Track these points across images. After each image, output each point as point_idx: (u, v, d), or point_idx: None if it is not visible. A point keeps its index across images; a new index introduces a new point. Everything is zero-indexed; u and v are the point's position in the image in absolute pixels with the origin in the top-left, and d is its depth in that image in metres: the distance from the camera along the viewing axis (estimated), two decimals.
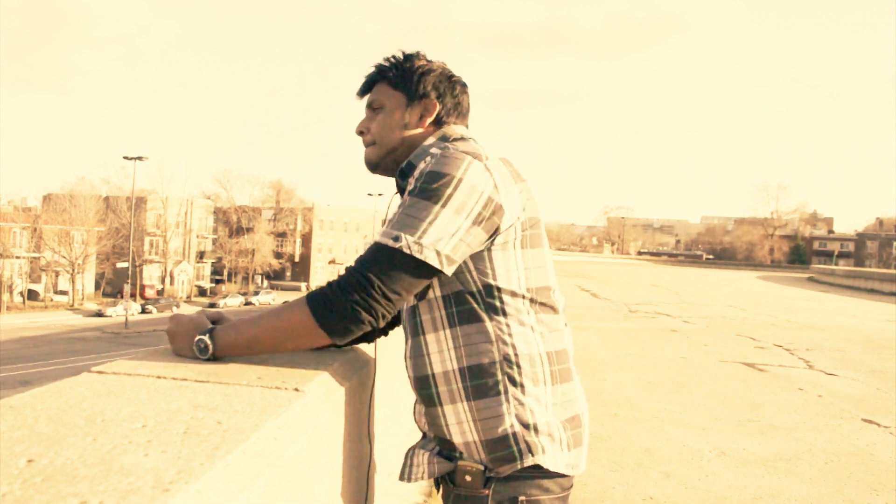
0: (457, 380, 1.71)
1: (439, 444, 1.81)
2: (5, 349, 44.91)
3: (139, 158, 61.88)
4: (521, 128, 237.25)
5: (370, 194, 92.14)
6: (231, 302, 78.66)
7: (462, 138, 1.91)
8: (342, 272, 1.70)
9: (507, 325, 1.68)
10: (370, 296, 1.62)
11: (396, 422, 3.57)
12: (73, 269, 68.60)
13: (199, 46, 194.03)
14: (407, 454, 1.96)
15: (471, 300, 1.70)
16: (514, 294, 1.69)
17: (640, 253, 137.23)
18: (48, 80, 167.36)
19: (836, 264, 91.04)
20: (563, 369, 1.73)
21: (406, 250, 1.60)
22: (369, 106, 2.10)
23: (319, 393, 1.89)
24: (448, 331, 1.72)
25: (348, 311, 1.64)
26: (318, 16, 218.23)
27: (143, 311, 68.48)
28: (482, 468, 1.69)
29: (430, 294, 1.74)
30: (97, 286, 76.30)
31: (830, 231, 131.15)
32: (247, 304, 79.40)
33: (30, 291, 68.24)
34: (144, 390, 1.75)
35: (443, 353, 1.73)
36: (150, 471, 1.19)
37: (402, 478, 1.93)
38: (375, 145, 2.05)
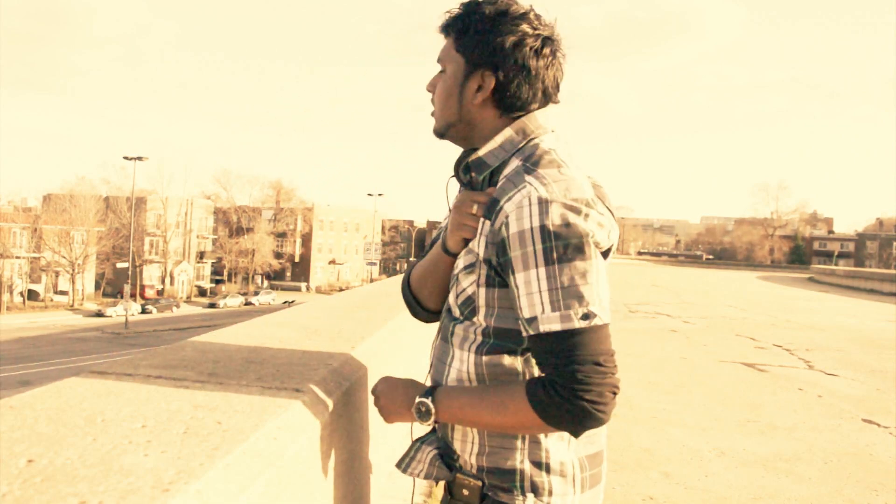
0: None
1: (442, 448, 1.74)
2: (5, 349, 44.90)
3: (139, 158, 61.87)
4: None
5: (370, 194, 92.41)
6: (231, 302, 78.68)
7: (527, 139, 1.64)
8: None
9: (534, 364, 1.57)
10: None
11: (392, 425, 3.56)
12: (73, 270, 68.61)
13: (199, 46, 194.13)
14: (412, 445, 1.85)
15: (510, 337, 1.59)
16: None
17: (639, 253, 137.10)
18: (48, 80, 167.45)
19: (836, 264, 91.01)
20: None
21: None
22: (439, 61, 1.74)
23: (319, 393, 1.89)
24: (473, 356, 1.63)
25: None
26: (319, 16, 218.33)
27: (144, 312, 68.48)
28: (480, 484, 1.63)
29: (476, 319, 1.63)
30: (97, 286, 76.30)
31: (830, 231, 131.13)
32: (247, 304, 79.42)
33: (30, 291, 68.25)
34: (144, 390, 1.76)
35: (461, 371, 1.66)
36: (149, 471, 1.20)
37: (398, 465, 1.85)
38: (435, 114, 1.76)
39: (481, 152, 1.67)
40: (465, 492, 1.64)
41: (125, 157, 62.50)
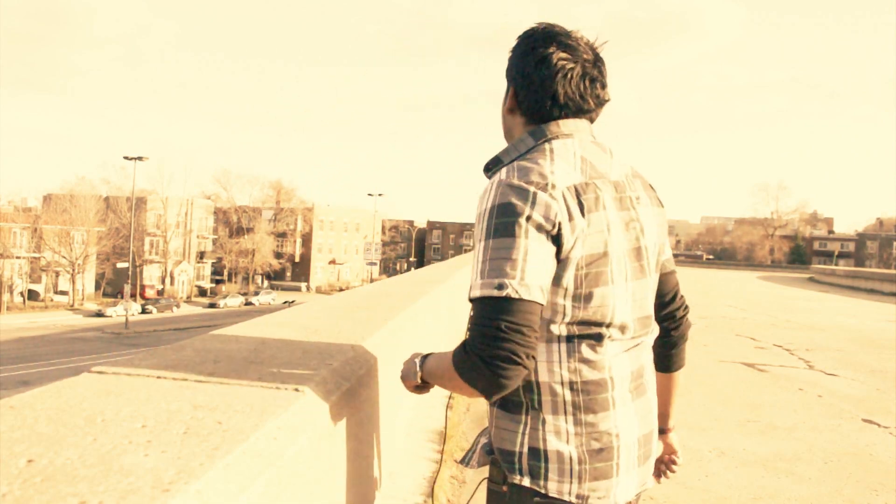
0: None
1: (488, 438, 1.82)
2: (5, 349, 44.89)
3: (139, 158, 61.82)
4: None
5: (370, 194, 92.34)
6: (231, 302, 78.67)
7: (540, 140, 1.74)
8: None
9: (540, 353, 1.66)
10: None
11: (393, 422, 3.58)
12: (74, 270, 68.60)
13: (199, 46, 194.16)
14: (475, 440, 1.95)
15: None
16: (550, 325, 1.66)
17: None
18: (48, 80, 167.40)
19: (837, 264, 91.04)
20: (592, 399, 1.66)
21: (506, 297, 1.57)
22: None
23: (319, 393, 1.89)
24: None
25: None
26: (319, 16, 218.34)
27: (144, 312, 68.47)
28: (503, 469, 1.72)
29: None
30: (97, 286, 76.28)
31: (830, 231, 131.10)
32: (247, 304, 79.42)
33: (30, 291, 68.25)
34: (144, 390, 1.76)
35: None
36: (149, 471, 1.20)
37: (461, 461, 1.93)
38: None
39: (501, 151, 1.82)
40: (496, 473, 1.74)
41: (125, 157, 62.42)
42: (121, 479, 1.15)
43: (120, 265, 68.32)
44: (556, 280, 1.61)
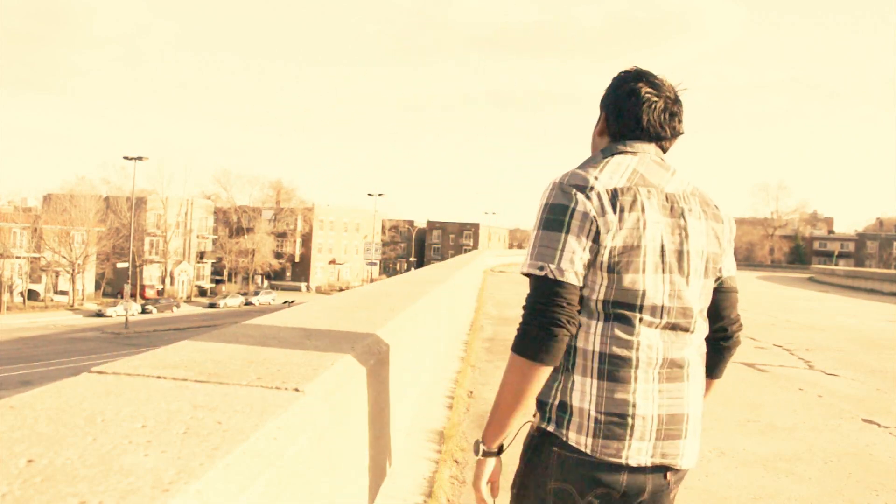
0: None
1: None
2: (5, 349, 44.90)
3: (139, 158, 61.80)
4: (520, 128, 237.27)
5: (370, 194, 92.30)
6: (231, 302, 78.69)
7: (608, 154, 2.09)
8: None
9: (579, 325, 1.95)
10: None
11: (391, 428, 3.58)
12: (74, 270, 68.60)
13: (199, 46, 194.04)
14: None
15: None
16: (589, 301, 1.95)
17: None
18: (48, 80, 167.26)
19: (837, 264, 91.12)
20: (615, 371, 1.92)
21: (548, 278, 1.97)
22: None
23: (319, 393, 1.89)
24: None
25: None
26: (318, 16, 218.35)
27: (144, 312, 68.48)
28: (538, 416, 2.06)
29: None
30: (97, 286, 76.29)
31: (830, 231, 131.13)
32: (247, 304, 79.44)
33: (30, 291, 68.24)
34: (144, 390, 1.76)
35: None
36: (149, 471, 1.20)
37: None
38: None
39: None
40: (535, 417, 2.06)
41: (125, 157, 62.39)
42: (121, 479, 1.15)
43: (120, 265, 68.32)
44: (594, 263, 1.92)
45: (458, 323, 10.46)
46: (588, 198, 1.90)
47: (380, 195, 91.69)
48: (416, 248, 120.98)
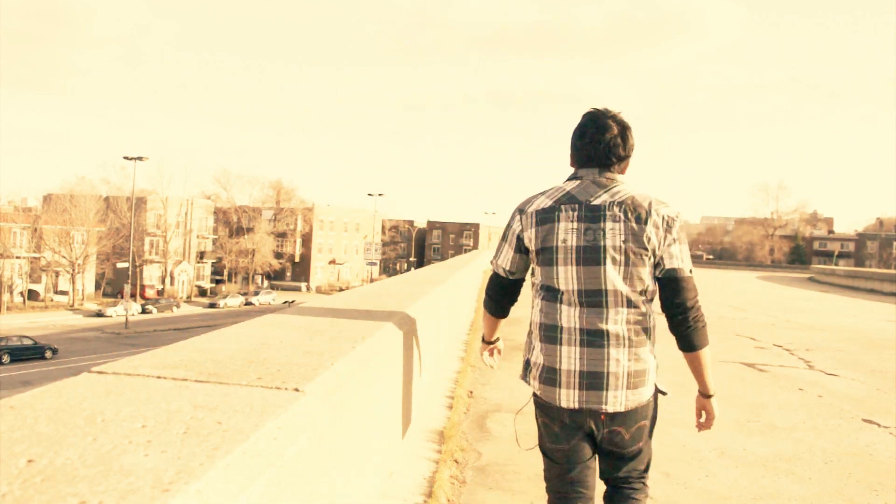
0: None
1: None
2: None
3: (139, 158, 61.79)
4: (519, 128, 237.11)
5: (370, 194, 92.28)
6: (231, 302, 78.68)
7: (566, 180, 2.84)
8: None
9: (533, 305, 2.84)
10: None
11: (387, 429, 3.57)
12: (74, 270, 68.59)
13: (199, 46, 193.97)
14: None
15: (532, 285, 2.91)
16: (535, 288, 2.84)
17: None
18: (48, 80, 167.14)
19: (837, 264, 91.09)
20: (549, 336, 2.72)
21: (494, 269, 3.09)
22: None
23: (319, 393, 1.89)
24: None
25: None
26: (318, 15, 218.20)
27: (144, 312, 68.48)
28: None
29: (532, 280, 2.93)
30: (97, 286, 76.28)
31: (830, 231, 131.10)
32: (247, 304, 79.43)
33: (30, 291, 68.23)
34: (144, 390, 1.76)
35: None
36: (149, 471, 1.20)
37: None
38: None
39: None
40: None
41: (125, 157, 62.39)
42: (121, 479, 1.15)
43: (120, 265, 68.31)
44: (530, 261, 2.87)
45: (458, 322, 10.45)
46: (521, 218, 2.83)
47: (380, 195, 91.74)
48: (416, 248, 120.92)
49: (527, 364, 2.83)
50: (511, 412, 6.41)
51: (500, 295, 3.04)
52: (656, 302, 2.77)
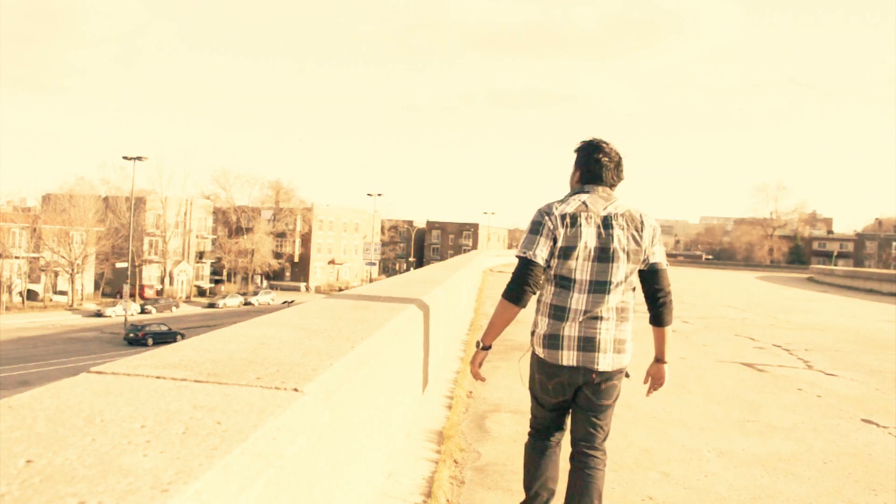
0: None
1: None
2: (5, 349, 44.89)
3: (138, 158, 61.71)
4: (518, 128, 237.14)
5: (369, 194, 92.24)
6: (230, 302, 78.67)
7: (575, 192, 3.54)
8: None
9: (545, 287, 3.50)
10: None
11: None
12: (73, 270, 68.56)
13: (198, 46, 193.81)
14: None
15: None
16: (549, 275, 3.47)
17: None
18: (46, 80, 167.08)
19: (836, 264, 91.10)
20: (558, 314, 3.43)
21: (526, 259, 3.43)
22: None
23: (319, 393, 1.89)
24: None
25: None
26: (318, 15, 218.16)
27: (143, 312, 68.46)
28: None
29: None
30: (96, 286, 76.23)
31: (829, 231, 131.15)
32: (246, 304, 79.43)
33: (29, 291, 68.18)
34: (143, 390, 1.75)
35: None
36: (148, 471, 1.20)
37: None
38: None
39: None
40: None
41: (124, 157, 62.23)
42: (120, 479, 1.15)
43: (119, 265, 68.30)
44: (552, 254, 3.39)
45: (457, 323, 10.45)
46: (551, 219, 3.39)
47: (379, 195, 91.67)
48: (416, 248, 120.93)
49: (533, 335, 3.56)
50: (511, 412, 6.42)
51: (532, 282, 3.39)
52: (637, 291, 3.59)
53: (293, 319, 3.34)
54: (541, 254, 3.35)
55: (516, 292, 3.39)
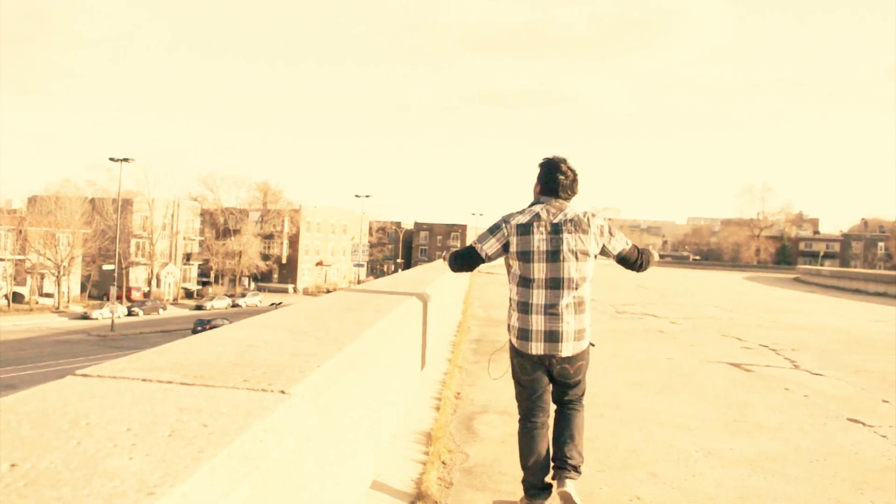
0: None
1: None
2: None
3: (125, 160, 61.50)
4: (512, 128, 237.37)
5: (357, 196, 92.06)
6: (218, 304, 78.43)
7: (533, 204, 4.22)
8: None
9: (511, 287, 4.21)
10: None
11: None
12: (59, 272, 68.18)
13: (186, 47, 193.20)
14: None
15: (510, 274, 4.25)
16: (513, 277, 4.18)
17: None
18: (32, 81, 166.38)
19: (822, 265, 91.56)
20: (524, 308, 4.08)
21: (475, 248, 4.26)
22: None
23: (306, 395, 1.88)
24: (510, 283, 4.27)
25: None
26: (307, 16, 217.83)
27: (130, 314, 68.18)
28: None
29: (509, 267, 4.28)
30: (83, 288, 75.84)
31: (816, 232, 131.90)
32: (234, 306, 79.17)
33: (15, 294, 67.76)
34: (129, 393, 1.74)
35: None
36: (134, 474, 1.19)
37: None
38: None
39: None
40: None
41: (111, 159, 62.06)
42: (105, 482, 1.15)
43: (106, 267, 68.00)
44: (511, 258, 4.14)
45: (445, 324, 10.44)
46: (507, 228, 4.14)
47: (367, 196, 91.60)
48: (404, 249, 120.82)
49: (508, 327, 4.26)
50: (498, 413, 6.42)
51: (469, 265, 4.45)
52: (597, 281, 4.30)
53: (281, 321, 3.33)
54: (487, 249, 4.20)
55: (452, 263, 4.47)
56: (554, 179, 4.15)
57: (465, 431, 5.84)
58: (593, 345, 4.29)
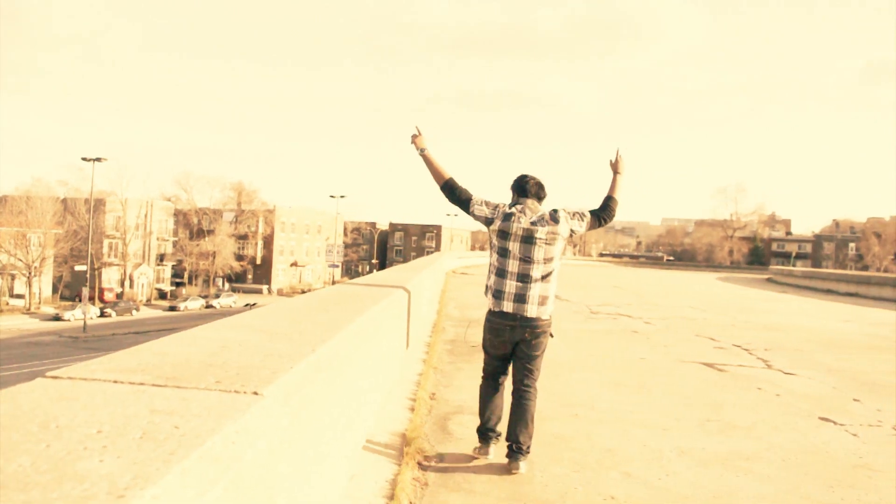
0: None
1: None
2: None
3: (98, 160, 60.94)
4: (485, 129, 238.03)
5: (332, 196, 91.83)
6: (192, 305, 77.91)
7: (514, 203, 5.13)
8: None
9: (491, 255, 5.15)
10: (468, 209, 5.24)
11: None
12: (30, 272, 67.43)
13: (160, 47, 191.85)
14: None
15: (490, 245, 5.21)
16: (494, 249, 5.10)
17: (601, 255, 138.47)
18: (3, 81, 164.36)
19: (794, 265, 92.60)
20: (501, 274, 5.03)
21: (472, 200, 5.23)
22: None
23: (279, 396, 1.88)
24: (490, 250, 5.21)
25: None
26: (280, 17, 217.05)
27: (102, 315, 67.58)
28: None
29: (491, 240, 5.20)
30: (55, 289, 75.04)
31: (788, 233, 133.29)
32: (208, 307, 78.69)
33: None
34: (100, 395, 1.73)
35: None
36: (104, 477, 1.18)
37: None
38: None
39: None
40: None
41: (83, 159, 61.44)
42: (75, 485, 1.13)
43: (78, 268, 67.34)
44: (492, 234, 5.08)
45: (420, 325, 10.43)
46: (498, 210, 5.07)
47: (342, 197, 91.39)
48: (379, 250, 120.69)
49: (486, 288, 5.17)
50: (473, 414, 6.42)
51: (457, 201, 5.26)
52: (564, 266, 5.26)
53: (254, 322, 3.32)
54: (476, 209, 5.15)
55: (446, 188, 5.31)
56: (525, 184, 5.21)
57: (441, 432, 5.84)
58: (552, 335, 5.15)
